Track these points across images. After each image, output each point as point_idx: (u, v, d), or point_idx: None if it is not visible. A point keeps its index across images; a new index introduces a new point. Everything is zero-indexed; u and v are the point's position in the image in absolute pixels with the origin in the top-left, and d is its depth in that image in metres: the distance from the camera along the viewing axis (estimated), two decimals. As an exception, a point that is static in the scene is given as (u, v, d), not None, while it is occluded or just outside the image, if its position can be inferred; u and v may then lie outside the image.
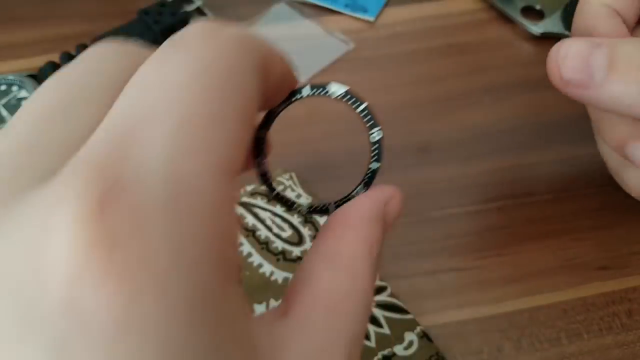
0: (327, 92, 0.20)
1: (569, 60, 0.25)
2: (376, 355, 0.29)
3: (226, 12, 0.47)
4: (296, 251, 0.33)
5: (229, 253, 0.13)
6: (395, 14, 0.47)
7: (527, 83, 0.42)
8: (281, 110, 0.21)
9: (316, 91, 0.21)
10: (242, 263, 0.33)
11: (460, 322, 0.32)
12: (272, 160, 0.38)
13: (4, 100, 0.41)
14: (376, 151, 0.21)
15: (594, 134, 0.34)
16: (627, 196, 0.36)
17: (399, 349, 0.30)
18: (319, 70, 0.43)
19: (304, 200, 0.35)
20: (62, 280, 0.11)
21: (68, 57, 0.42)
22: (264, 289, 0.32)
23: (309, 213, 0.21)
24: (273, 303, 0.31)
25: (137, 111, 0.13)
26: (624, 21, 0.27)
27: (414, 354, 0.29)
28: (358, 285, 0.16)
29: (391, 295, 0.31)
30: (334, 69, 0.44)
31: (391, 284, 0.32)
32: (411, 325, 0.30)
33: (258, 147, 0.20)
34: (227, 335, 0.13)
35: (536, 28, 0.45)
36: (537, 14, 0.46)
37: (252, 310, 0.31)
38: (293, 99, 0.21)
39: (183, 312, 0.12)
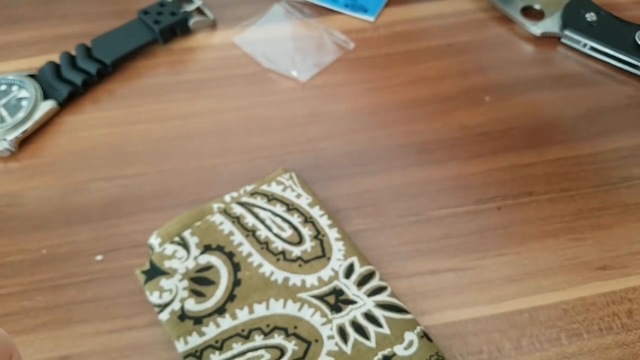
0: None
1: None
2: (376, 355, 0.30)
3: (226, 12, 0.47)
4: (296, 251, 0.33)
5: None
6: (395, 14, 0.47)
7: (527, 83, 0.43)
8: None
9: None
10: (242, 263, 0.33)
11: (460, 322, 0.32)
12: (272, 160, 0.38)
13: (4, 100, 0.41)
14: None
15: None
16: (627, 196, 0.36)
17: (399, 349, 0.30)
18: (319, 70, 0.43)
19: (304, 200, 0.35)
20: None
21: (68, 57, 0.42)
22: (264, 289, 0.32)
23: None
24: (273, 303, 0.31)
25: None
26: None
27: (414, 354, 0.29)
28: None
29: (391, 295, 0.31)
30: (334, 69, 0.44)
31: (391, 284, 0.33)
32: (411, 325, 0.30)
33: None
34: None
35: (536, 28, 0.45)
36: (537, 14, 0.46)
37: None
38: None
39: None
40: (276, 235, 0.34)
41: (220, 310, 0.31)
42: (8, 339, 0.19)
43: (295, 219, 0.34)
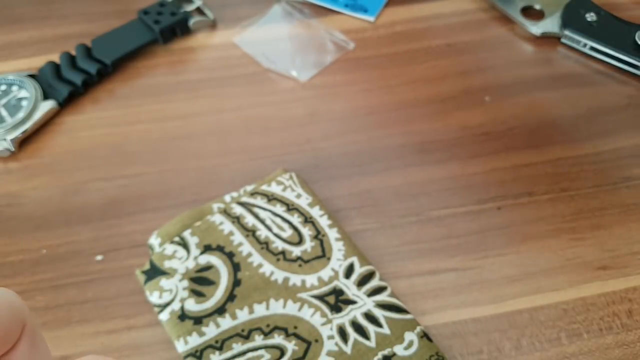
0: None
1: None
2: (376, 355, 0.30)
3: (226, 12, 0.47)
4: (296, 251, 0.33)
5: None
6: (395, 14, 0.47)
7: (527, 83, 0.43)
8: None
9: None
10: (242, 263, 0.33)
11: (460, 322, 0.32)
12: (272, 160, 0.38)
13: (4, 100, 0.41)
14: None
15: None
16: (627, 196, 0.36)
17: (399, 349, 0.30)
18: (319, 70, 0.43)
19: (304, 200, 0.35)
20: None
21: (68, 57, 0.42)
22: (264, 289, 0.32)
23: None
24: (273, 303, 0.31)
25: None
26: None
27: (414, 354, 0.29)
28: None
29: (391, 295, 0.31)
30: (334, 69, 0.44)
31: (391, 284, 0.32)
32: (411, 325, 0.30)
33: None
34: None
35: (536, 28, 0.45)
36: (537, 14, 0.46)
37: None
38: None
39: None
40: (276, 235, 0.34)
41: (220, 310, 0.31)
42: (19, 305, 0.17)
43: (295, 219, 0.34)
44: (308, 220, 0.34)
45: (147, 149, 0.39)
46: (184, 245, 0.33)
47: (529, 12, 0.46)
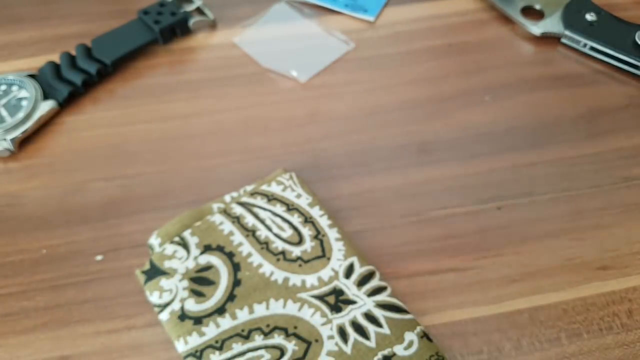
0: None
1: None
2: (376, 355, 0.30)
3: (226, 12, 0.47)
4: (296, 251, 0.33)
5: None
6: (395, 14, 0.47)
7: (527, 83, 0.43)
8: None
9: None
10: (242, 263, 0.33)
11: (460, 322, 0.32)
12: (272, 160, 0.38)
13: (4, 100, 0.41)
14: None
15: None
16: (627, 196, 0.36)
17: (399, 349, 0.30)
18: (319, 70, 0.43)
19: (304, 200, 0.35)
20: None
21: (68, 57, 0.42)
22: (264, 289, 0.32)
23: None
24: (273, 303, 0.31)
25: None
26: None
27: (414, 354, 0.29)
28: None
29: (391, 295, 0.31)
30: (334, 69, 0.44)
31: (391, 284, 0.32)
32: (411, 325, 0.30)
33: None
34: None
35: (536, 28, 0.45)
36: (537, 14, 0.46)
37: None
38: None
39: None
40: (276, 235, 0.34)
41: (220, 310, 0.31)
42: None
43: (295, 219, 0.34)
44: (308, 220, 0.34)
45: (147, 149, 0.39)
46: (184, 245, 0.33)
47: (529, 12, 0.46)
